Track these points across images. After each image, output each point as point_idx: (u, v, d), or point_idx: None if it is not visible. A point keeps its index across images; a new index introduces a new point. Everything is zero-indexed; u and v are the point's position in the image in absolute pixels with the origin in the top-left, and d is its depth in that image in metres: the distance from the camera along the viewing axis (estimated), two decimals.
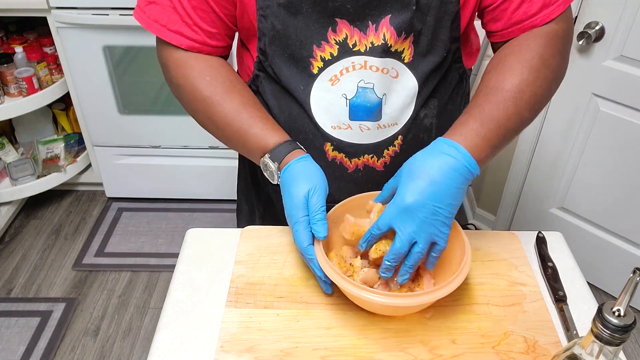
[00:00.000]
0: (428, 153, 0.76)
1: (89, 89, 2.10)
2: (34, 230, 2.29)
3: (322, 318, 0.78)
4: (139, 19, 0.87)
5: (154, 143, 2.25)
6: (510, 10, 0.84)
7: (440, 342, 0.75)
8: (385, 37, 0.81)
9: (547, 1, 0.83)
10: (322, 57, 0.84)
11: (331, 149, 0.91)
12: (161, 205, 2.40)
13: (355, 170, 0.93)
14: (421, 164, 0.74)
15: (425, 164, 0.74)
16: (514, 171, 2.03)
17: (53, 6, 1.90)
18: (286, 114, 0.91)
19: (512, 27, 0.85)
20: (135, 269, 2.11)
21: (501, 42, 0.88)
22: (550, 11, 0.83)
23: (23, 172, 2.20)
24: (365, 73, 0.85)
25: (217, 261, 0.88)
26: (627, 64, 1.60)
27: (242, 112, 0.85)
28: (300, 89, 0.87)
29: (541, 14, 0.83)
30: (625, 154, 1.72)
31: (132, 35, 1.96)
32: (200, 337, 0.77)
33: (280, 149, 0.83)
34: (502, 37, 0.88)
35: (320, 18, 0.81)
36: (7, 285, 2.04)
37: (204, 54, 0.88)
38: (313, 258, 0.77)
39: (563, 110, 1.80)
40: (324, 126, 0.89)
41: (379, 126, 0.89)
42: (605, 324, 0.52)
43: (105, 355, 1.80)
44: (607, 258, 1.93)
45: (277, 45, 0.85)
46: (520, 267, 0.87)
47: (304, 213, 0.77)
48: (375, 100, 0.86)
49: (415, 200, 0.72)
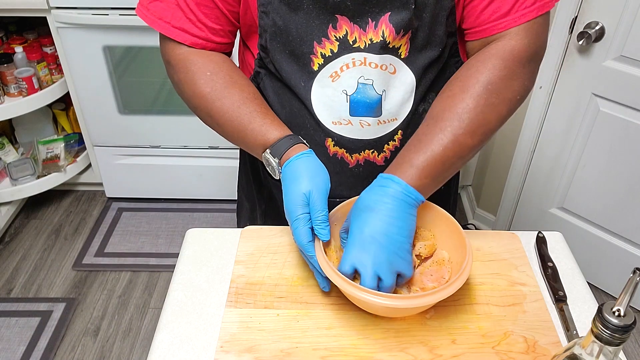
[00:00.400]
0: (368, 190, 0.79)
1: (89, 89, 2.10)
2: (34, 230, 2.29)
3: (322, 318, 0.78)
4: (142, 16, 0.87)
5: (154, 143, 2.25)
6: (479, 9, 0.83)
7: (440, 342, 0.75)
8: (385, 34, 0.82)
9: (518, 4, 0.80)
10: (323, 53, 0.84)
11: (332, 145, 0.91)
12: (161, 205, 2.40)
13: (356, 166, 0.93)
14: (366, 199, 0.78)
15: (369, 198, 0.77)
16: (514, 171, 2.03)
17: (53, 6, 1.90)
18: (287, 110, 0.91)
19: (479, 27, 0.84)
20: (135, 269, 2.11)
21: (470, 41, 0.87)
22: (519, 15, 0.81)
23: (23, 172, 2.20)
24: (365, 69, 0.85)
25: (217, 261, 0.88)
26: (627, 64, 1.60)
27: (241, 108, 0.85)
28: (301, 85, 0.87)
29: (509, 17, 0.81)
30: (625, 154, 1.72)
31: (132, 35, 1.96)
32: (200, 337, 0.77)
33: (280, 144, 0.82)
34: (470, 36, 0.87)
35: (320, 14, 0.82)
36: (7, 285, 2.04)
37: (207, 51, 0.89)
38: (312, 255, 0.77)
39: (563, 110, 1.80)
40: (324, 122, 0.89)
41: (379, 122, 0.89)
42: (605, 324, 0.52)
43: (105, 355, 1.80)
44: (607, 258, 1.93)
45: (277, 41, 0.85)
46: (520, 267, 0.87)
47: (303, 211, 0.77)
48: (375, 97, 0.87)
49: (367, 233, 0.74)
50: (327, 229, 0.77)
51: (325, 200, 0.78)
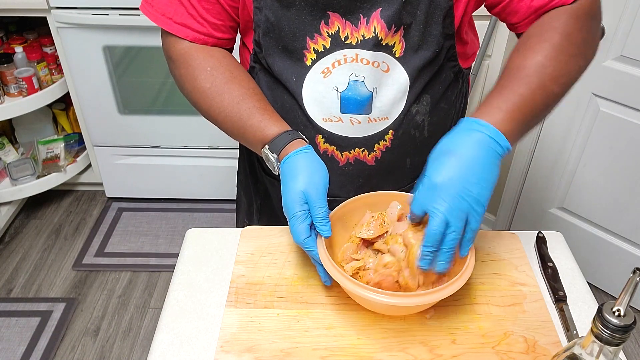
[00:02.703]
0: (453, 133, 0.74)
1: (89, 89, 2.10)
2: (34, 230, 2.29)
3: (322, 318, 0.78)
4: (146, 12, 0.88)
5: (154, 143, 2.25)
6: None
7: (440, 342, 0.75)
8: (376, 30, 0.82)
9: None
10: (315, 49, 0.85)
11: (322, 142, 0.91)
12: (161, 205, 2.40)
13: (347, 164, 0.93)
14: (447, 142, 0.73)
15: (450, 142, 0.73)
16: (514, 171, 2.03)
17: (53, 6, 1.90)
18: (279, 105, 0.91)
19: (535, 13, 0.83)
20: (135, 269, 2.11)
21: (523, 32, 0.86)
22: None
23: (23, 172, 2.20)
24: (356, 66, 0.85)
25: (217, 261, 0.88)
26: (627, 64, 1.60)
27: (241, 104, 0.85)
28: (292, 80, 0.88)
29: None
30: (625, 154, 1.72)
31: (132, 35, 1.96)
32: (200, 337, 0.77)
33: (279, 139, 0.82)
34: (524, 26, 0.86)
35: (312, 11, 0.82)
36: (7, 285, 2.04)
37: (208, 46, 0.89)
38: (312, 250, 0.76)
39: (563, 110, 1.80)
40: (315, 118, 0.90)
41: (369, 120, 0.89)
42: (605, 324, 0.52)
43: (105, 355, 1.80)
44: (607, 258, 1.93)
45: (270, 37, 0.86)
46: (520, 267, 0.87)
47: (301, 208, 0.77)
48: (365, 94, 0.87)
49: (443, 178, 0.69)
50: (328, 225, 0.77)
51: (324, 197, 0.77)
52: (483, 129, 0.72)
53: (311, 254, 0.77)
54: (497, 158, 0.72)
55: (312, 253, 0.77)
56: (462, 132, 0.73)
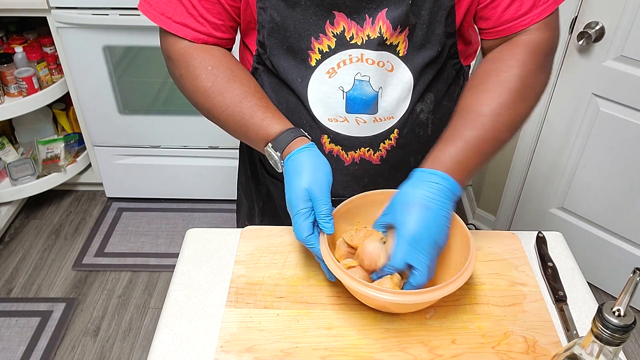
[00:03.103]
0: (414, 184, 0.78)
1: (89, 89, 2.09)
2: (34, 230, 2.29)
3: (322, 318, 0.78)
4: (144, 11, 0.87)
5: (154, 143, 2.25)
6: (500, 9, 0.84)
7: (440, 342, 0.75)
8: (382, 30, 0.82)
9: (537, 1, 0.84)
10: (320, 49, 0.85)
11: (328, 142, 0.91)
12: (161, 205, 2.40)
13: (352, 164, 0.93)
14: (411, 195, 0.77)
15: (414, 194, 0.76)
16: (514, 171, 2.03)
17: (53, 6, 1.90)
18: (284, 106, 0.91)
19: (501, 26, 0.86)
20: (135, 269, 2.11)
21: (489, 40, 0.90)
22: (540, 11, 0.84)
23: (23, 172, 2.20)
24: (361, 66, 0.85)
25: (217, 261, 0.88)
26: (627, 64, 1.60)
27: (243, 102, 0.85)
28: (297, 81, 0.88)
29: (531, 13, 0.84)
30: (625, 154, 1.72)
31: (132, 35, 1.96)
32: (200, 337, 0.77)
33: (282, 137, 0.82)
34: (490, 35, 0.89)
35: (318, 11, 0.82)
36: (7, 285, 2.04)
37: (208, 45, 0.89)
38: (315, 247, 0.77)
39: (563, 110, 1.80)
40: (320, 118, 0.90)
41: (375, 119, 0.89)
42: (605, 324, 0.52)
43: (105, 355, 1.80)
44: (607, 258, 1.93)
45: (275, 37, 0.86)
46: (520, 267, 0.87)
47: (304, 205, 0.77)
48: (371, 94, 0.87)
49: (420, 231, 0.74)
50: (331, 222, 0.77)
51: (327, 194, 0.78)
52: (446, 183, 0.77)
53: (314, 250, 0.78)
54: (453, 206, 0.78)
55: (315, 250, 0.77)
56: (428, 184, 0.77)
